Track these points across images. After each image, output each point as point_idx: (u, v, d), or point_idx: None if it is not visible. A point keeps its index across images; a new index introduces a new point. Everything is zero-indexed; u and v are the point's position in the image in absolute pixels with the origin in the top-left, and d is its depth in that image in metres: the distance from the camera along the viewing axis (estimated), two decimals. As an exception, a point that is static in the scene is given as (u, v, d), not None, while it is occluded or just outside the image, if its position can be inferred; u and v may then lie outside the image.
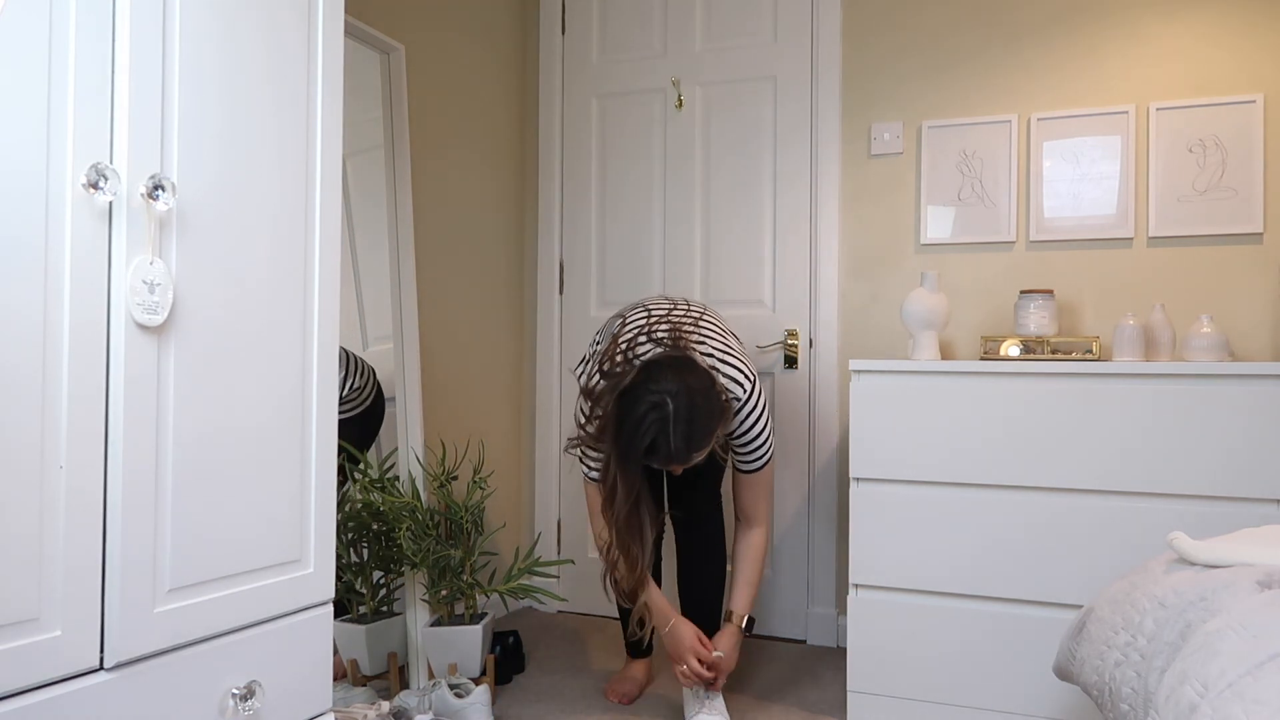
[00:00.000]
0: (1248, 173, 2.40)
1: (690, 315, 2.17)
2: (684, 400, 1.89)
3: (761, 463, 2.16)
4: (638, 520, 2.05)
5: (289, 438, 1.30)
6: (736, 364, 2.08)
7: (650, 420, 1.89)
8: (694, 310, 2.20)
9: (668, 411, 1.88)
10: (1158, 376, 1.98)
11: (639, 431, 1.90)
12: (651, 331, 2.09)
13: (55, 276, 1.00)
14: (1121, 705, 1.25)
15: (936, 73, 2.73)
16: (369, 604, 2.31)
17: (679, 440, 1.89)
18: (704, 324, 2.15)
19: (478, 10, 2.99)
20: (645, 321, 2.14)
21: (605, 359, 2.07)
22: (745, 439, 2.12)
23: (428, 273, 2.72)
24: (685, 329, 2.10)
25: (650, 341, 2.06)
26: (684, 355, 2.02)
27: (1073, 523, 2.02)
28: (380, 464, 2.39)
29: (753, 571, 2.23)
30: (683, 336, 2.07)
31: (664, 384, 1.91)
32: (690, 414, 1.89)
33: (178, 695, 1.13)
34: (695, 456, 1.94)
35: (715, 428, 1.95)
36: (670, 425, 1.88)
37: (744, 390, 2.07)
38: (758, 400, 2.09)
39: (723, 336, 2.15)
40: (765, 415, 2.12)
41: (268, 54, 1.26)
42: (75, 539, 1.01)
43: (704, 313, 2.21)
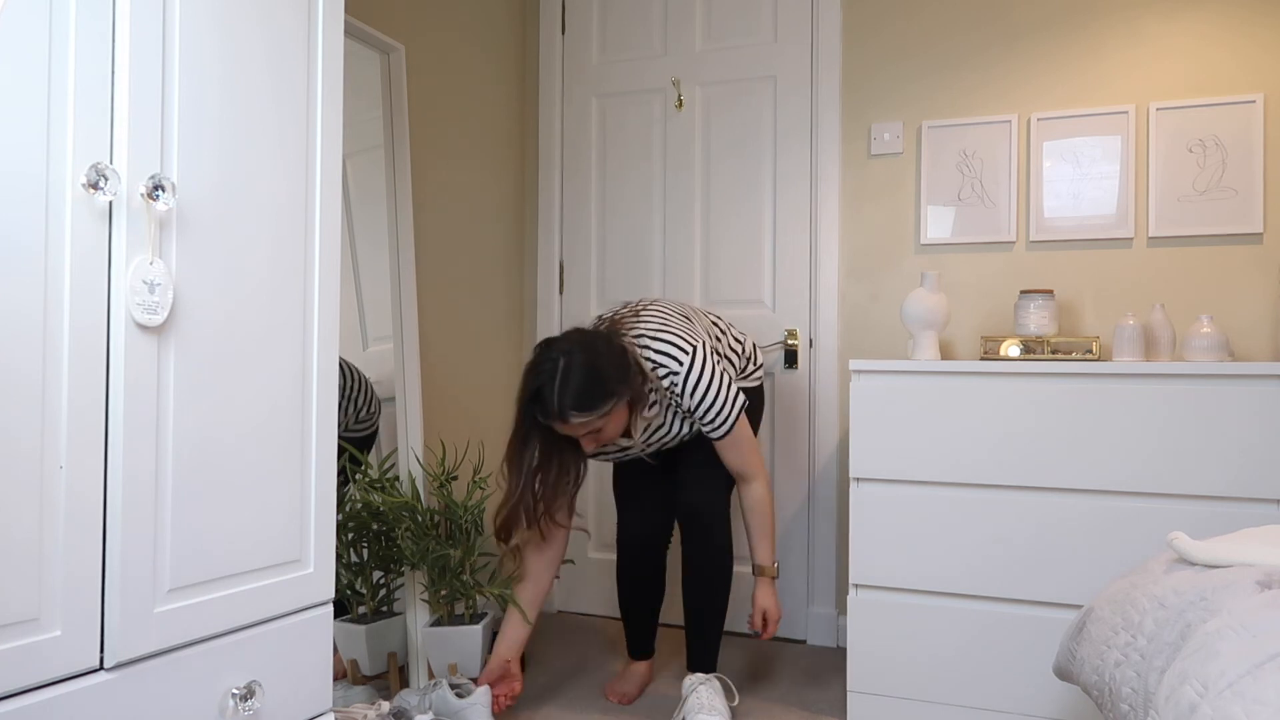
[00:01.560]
0: (1248, 173, 2.40)
1: (635, 309, 2.19)
2: (580, 358, 1.93)
3: (726, 427, 2.13)
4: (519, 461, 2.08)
5: (289, 437, 1.30)
6: (670, 338, 2.08)
7: (543, 371, 1.95)
8: (643, 304, 2.23)
9: (558, 366, 1.94)
10: (1158, 376, 1.98)
11: (527, 379, 1.97)
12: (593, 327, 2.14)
13: (55, 276, 1.00)
14: (1121, 705, 1.25)
15: (936, 73, 2.73)
16: (369, 604, 2.30)
17: (566, 396, 1.92)
18: (645, 313, 2.16)
19: (478, 10, 3.00)
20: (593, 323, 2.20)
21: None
22: (700, 409, 2.10)
23: (428, 273, 2.72)
24: (621, 319, 2.14)
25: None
26: (595, 330, 2.07)
27: (1073, 523, 2.02)
28: (380, 464, 2.39)
29: (764, 522, 2.24)
30: (614, 325, 2.11)
31: (562, 345, 1.97)
32: (586, 372, 1.93)
33: (178, 695, 1.13)
34: (576, 417, 1.93)
35: (614, 393, 1.95)
36: (558, 378, 1.93)
37: (679, 363, 2.06)
38: (702, 368, 2.07)
39: (663, 319, 2.14)
40: (715, 380, 2.09)
41: (268, 54, 1.26)
42: (75, 539, 1.01)
43: (654, 303, 2.22)
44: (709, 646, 2.26)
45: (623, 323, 2.13)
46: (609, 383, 1.95)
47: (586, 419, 1.95)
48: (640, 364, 2.03)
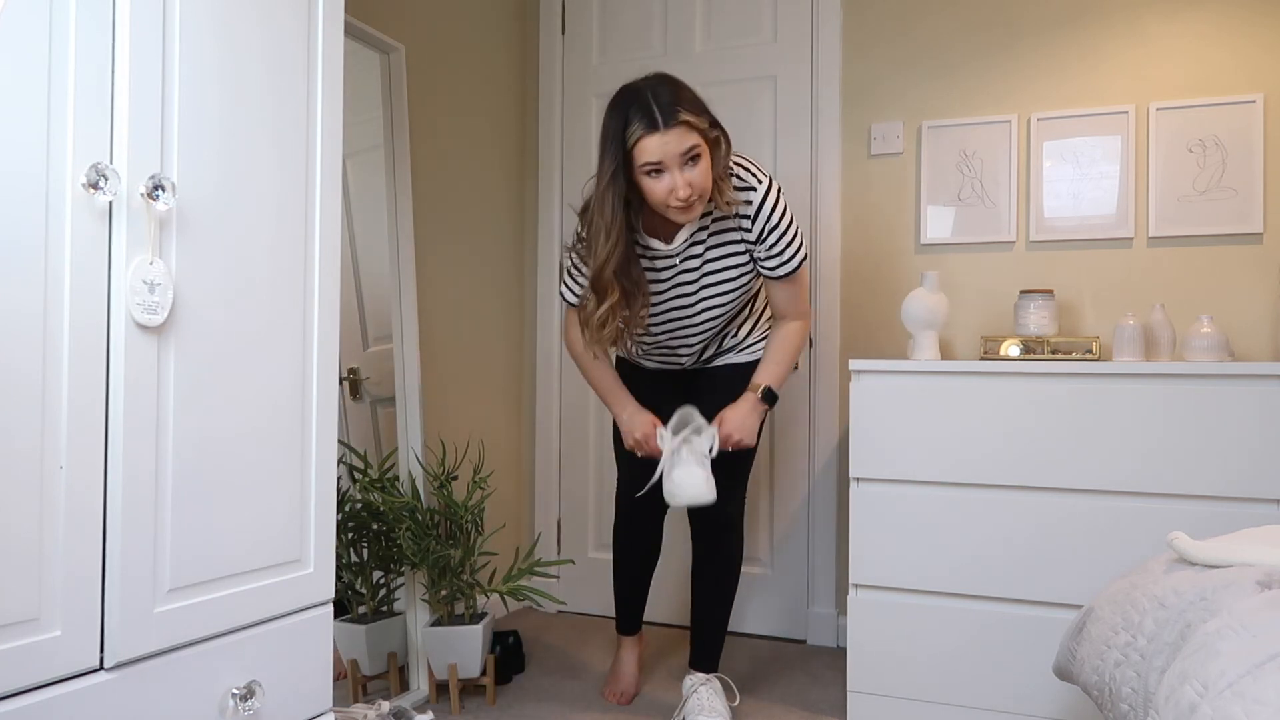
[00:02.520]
0: (1248, 173, 2.40)
1: None
2: (662, 79, 1.88)
3: (796, 262, 2.02)
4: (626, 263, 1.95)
5: (289, 437, 1.30)
6: (746, 160, 2.02)
7: (628, 94, 1.87)
8: None
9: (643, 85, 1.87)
10: (1158, 376, 1.98)
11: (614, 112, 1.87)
12: None
13: (55, 276, 1.00)
14: (1121, 705, 1.25)
15: (936, 73, 2.73)
16: (369, 604, 2.30)
17: (663, 97, 1.82)
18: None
19: (478, 10, 2.99)
20: None
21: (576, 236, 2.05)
22: (773, 236, 1.98)
23: (428, 272, 2.71)
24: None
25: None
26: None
27: (1073, 522, 2.02)
28: (380, 464, 2.39)
29: (783, 351, 2.10)
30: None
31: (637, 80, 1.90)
32: (673, 84, 1.87)
33: (178, 695, 1.13)
34: (688, 115, 1.82)
35: (704, 109, 1.88)
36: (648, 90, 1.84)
37: (760, 181, 1.98)
38: (778, 196, 1.99)
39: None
40: (789, 212, 2.00)
41: (267, 54, 1.26)
42: (75, 539, 1.01)
43: None
44: (712, 647, 2.25)
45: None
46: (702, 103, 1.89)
47: (694, 121, 1.84)
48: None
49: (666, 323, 2.11)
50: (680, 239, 2.02)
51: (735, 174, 1.97)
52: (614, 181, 1.87)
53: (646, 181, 1.87)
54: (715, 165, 1.91)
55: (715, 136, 1.91)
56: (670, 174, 1.85)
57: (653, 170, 1.85)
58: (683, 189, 1.84)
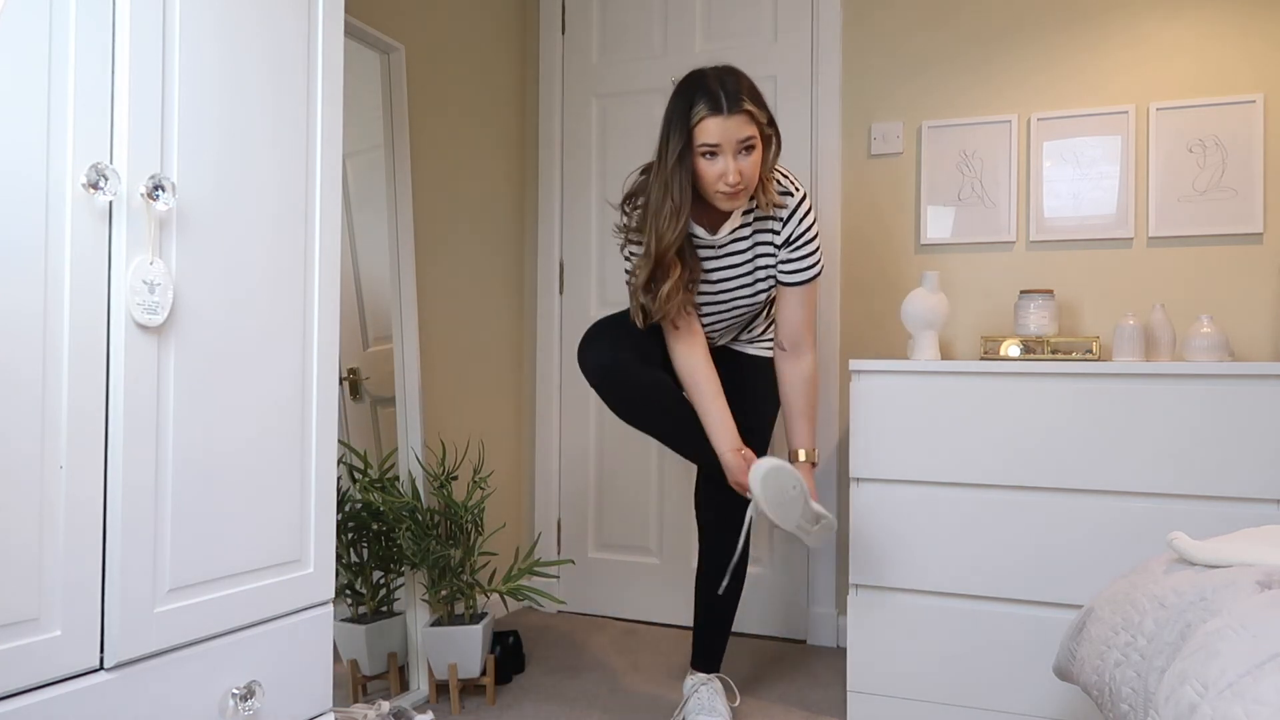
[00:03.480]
0: (1248, 173, 2.40)
1: None
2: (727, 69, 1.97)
3: (815, 271, 2.12)
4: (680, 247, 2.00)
5: (289, 437, 1.30)
6: (786, 170, 2.11)
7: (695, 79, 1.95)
8: None
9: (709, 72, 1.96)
10: (1158, 376, 1.98)
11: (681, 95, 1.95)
12: None
13: (55, 276, 1.00)
14: (1121, 705, 1.25)
15: (936, 72, 2.73)
16: (369, 604, 2.31)
17: (729, 85, 1.92)
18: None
19: (478, 10, 2.99)
20: None
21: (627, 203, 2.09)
22: (799, 241, 2.09)
23: (428, 273, 2.71)
24: None
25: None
26: None
27: (1073, 522, 2.02)
28: (380, 464, 2.39)
29: (808, 402, 2.18)
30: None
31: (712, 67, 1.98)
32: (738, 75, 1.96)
33: (178, 695, 1.13)
34: (750, 105, 1.93)
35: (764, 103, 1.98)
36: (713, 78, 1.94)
37: (797, 189, 2.08)
38: (810, 208, 2.10)
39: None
40: (816, 227, 2.12)
41: (267, 54, 1.26)
42: (75, 539, 1.02)
43: None
44: (715, 647, 2.25)
45: None
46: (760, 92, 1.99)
47: (755, 113, 1.94)
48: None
49: (701, 307, 2.18)
50: (725, 230, 2.09)
51: (776, 179, 2.07)
52: (681, 161, 1.95)
53: (701, 163, 1.95)
54: (764, 162, 2.01)
55: (770, 134, 2.01)
56: (724, 158, 1.93)
57: (708, 152, 1.94)
58: (733, 175, 1.93)
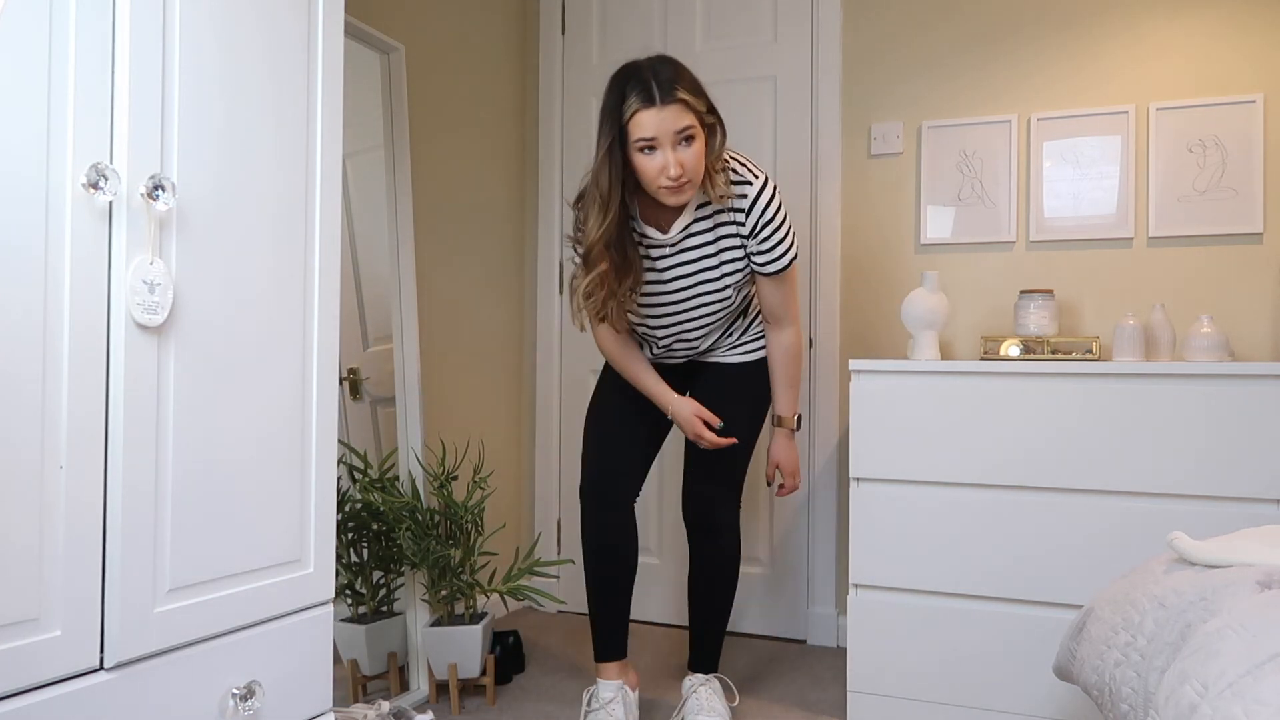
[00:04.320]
0: (1248, 173, 2.40)
1: None
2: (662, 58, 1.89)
3: (787, 260, 2.04)
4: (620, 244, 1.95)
5: (289, 437, 1.30)
6: (743, 157, 2.04)
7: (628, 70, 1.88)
8: None
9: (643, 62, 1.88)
10: (1158, 376, 1.98)
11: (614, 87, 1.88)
12: None
13: (55, 276, 1.00)
14: (1121, 705, 1.25)
15: (936, 72, 2.73)
16: (369, 604, 2.31)
17: (662, 74, 1.84)
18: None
19: (478, 10, 2.99)
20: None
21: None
22: (766, 231, 2.00)
23: (428, 273, 2.71)
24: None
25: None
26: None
27: (1073, 523, 2.02)
28: (380, 464, 2.39)
29: (792, 371, 2.16)
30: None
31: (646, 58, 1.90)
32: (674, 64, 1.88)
33: (178, 695, 1.13)
34: (685, 94, 1.84)
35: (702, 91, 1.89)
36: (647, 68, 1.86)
37: (756, 177, 1.99)
38: (773, 194, 2.00)
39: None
40: (783, 210, 2.02)
41: (268, 54, 1.26)
42: (75, 539, 1.01)
43: None
44: (712, 647, 2.25)
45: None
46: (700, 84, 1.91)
47: (690, 101, 1.85)
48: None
49: (664, 315, 2.11)
50: (677, 228, 2.02)
51: (731, 168, 1.99)
52: (610, 155, 1.89)
53: (640, 159, 1.88)
54: (709, 153, 1.93)
55: (711, 122, 1.92)
56: (663, 151, 1.86)
57: (646, 146, 1.86)
58: (674, 168, 1.85)
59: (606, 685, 2.13)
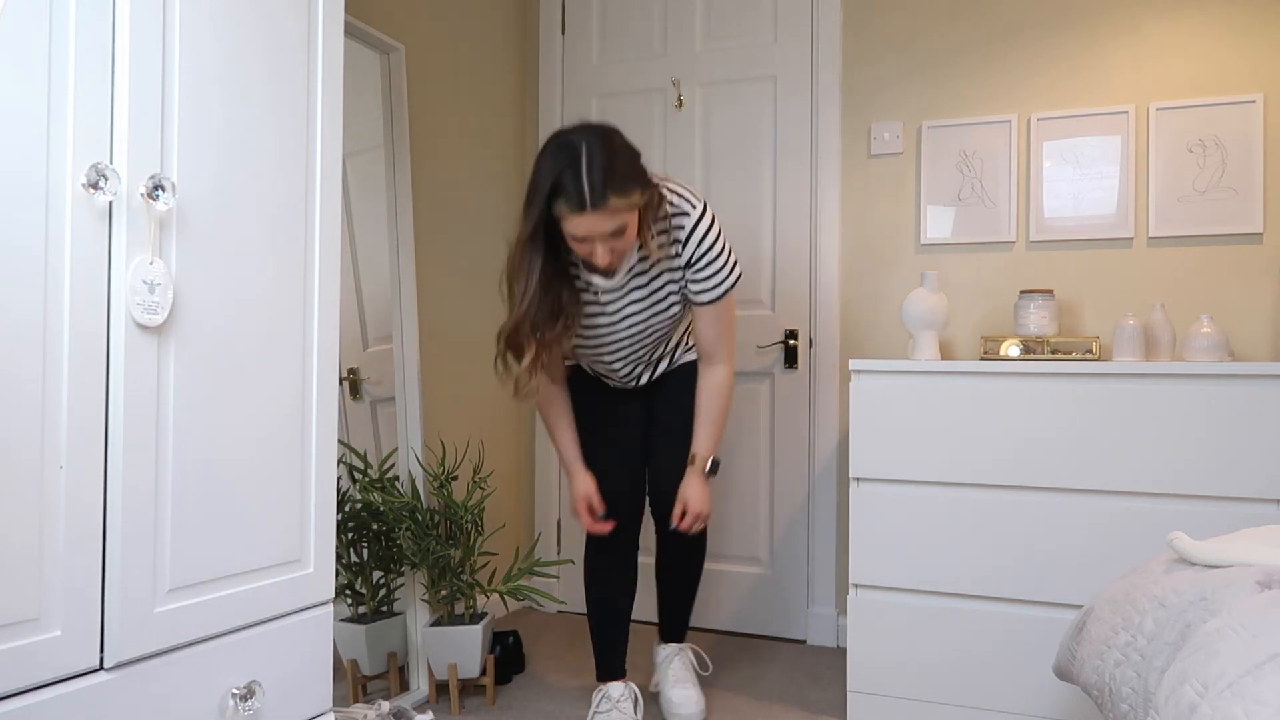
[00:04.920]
0: (1248, 173, 2.40)
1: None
2: (600, 142, 1.79)
3: (722, 290, 2.00)
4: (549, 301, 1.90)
5: (289, 437, 1.30)
6: (684, 189, 1.98)
7: (562, 159, 1.78)
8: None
9: (580, 150, 1.77)
10: (1158, 376, 1.98)
11: (544, 173, 1.79)
12: None
13: (55, 276, 1.00)
14: (1121, 705, 1.25)
15: (936, 72, 2.73)
16: (369, 604, 2.30)
17: (594, 175, 1.75)
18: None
19: (478, 10, 2.99)
20: None
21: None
22: (702, 261, 1.97)
23: (428, 273, 2.71)
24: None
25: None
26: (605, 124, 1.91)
27: (1073, 522, 2.02)
28: (380, 464, 2.39)
29: (714, 409, 2.10)
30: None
31: (577, 132, 1.82)
32: (608, 153, 1.78)
33: (178, 695, 1.13)
34: (614, 198, 1.77)
35: (635, 181, 1.81)
36: (584, 161, 1.76)
37: (693, 207, 1.95)
38: (711, 222, 1.97)
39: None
40: (721, 239, 1.98)
41: (268, 54, 1.26)
42: (75, 539, 1.01)
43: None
44: (681, 619, 2.33)
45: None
46: (636, 169, 1.84)
47: (622, 202, 1.79)
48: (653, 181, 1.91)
49: (620, 348, 2.11)
50: (622, 272, 1.98)
51: (669, 200, 1.95)
52: (533, 240, 1.86)
53: (570, 240, 1.86)
54: (645, 224, 1.89)
55: (644, 202, 1.87)
56: (593, 243, 1.83)
57: (575, 239, 1.84)
58: (603, 258, 1.84)
59: (615, 685, 2.18)
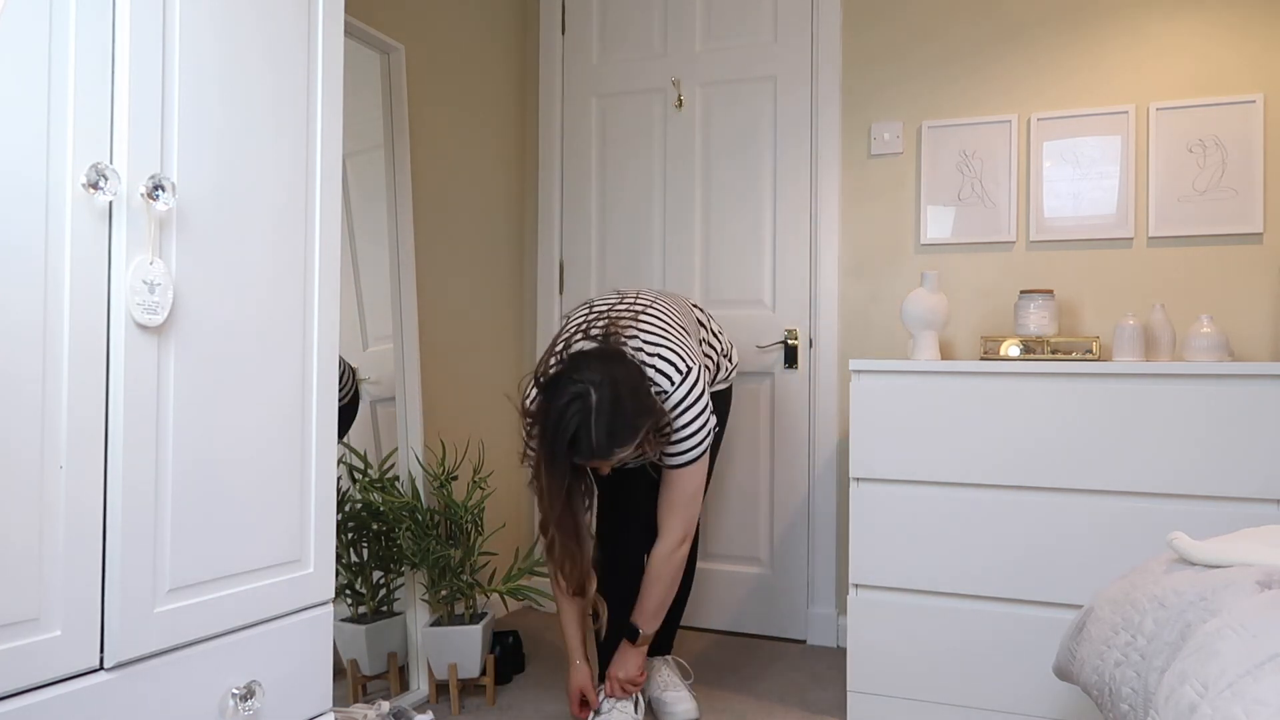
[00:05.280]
0: (1248, 173, 2.40)
1: (634, 309, 2.08)
2: (607, 392, 1.83)
3: (691, 455, 2.01)
4: (571, 520, 1.98)
5: (289, 437, 1.30)
6: (666, 355, 1.97)
7: (573, 412, 1.83)
8: (641, 303, 2.10)
9: (590, 402, 1.82)
10: (1158, 376, 1.98)
11: (561, 424, 1.84)
12: (588, 329, 2.03)
13: (55, 276, 1.00)
14: (1121, 705, 1.25)
15: (936, 72, 2.73)
16: (369, 604, 2.30)
17: (601, 435, 1.82)
18: (644, 318, 2.05)
19: (478, 10, 3.00)
20: (585, 319, 2.08)
21: (541, 364, 2.02)
22: (675, 431, 1.99)
23: (428, 273, 2.71)
24: (622, 323, 2.02)
25: (585, 339, 2.00)
26: (614, 348, 1.95)
27: (1073, 522, 2.02)
28: (380, 464, 2.39)
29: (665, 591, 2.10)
30: (617, 332, 1.99)
31: (587, 374, 1.85)
32: (614, 406, 1.83)
33: (178, 695, 1.13)
34: (618, 452, 1.87)
35: (642, 424, 1.87)
36: (592, 417, 1.82)
37: (671, 382, 1.96)
38: (690, 389, 1.97)
39: (663, 329, 2.03)
40: (698, 408, 1.99)
41: (267, 54, 1.26)
42: (75, 539, 1.01)
43: (652, 304, 2.11)
44: (668, 632, 2.34)
45: (621, 326, 2.01)
46: (640, 415, 1.87)
47: (626, 452, 1.87)
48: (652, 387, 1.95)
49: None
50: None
51: (654, 365, 1.96)
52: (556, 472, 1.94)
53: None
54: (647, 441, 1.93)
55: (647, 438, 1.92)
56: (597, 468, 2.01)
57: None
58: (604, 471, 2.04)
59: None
